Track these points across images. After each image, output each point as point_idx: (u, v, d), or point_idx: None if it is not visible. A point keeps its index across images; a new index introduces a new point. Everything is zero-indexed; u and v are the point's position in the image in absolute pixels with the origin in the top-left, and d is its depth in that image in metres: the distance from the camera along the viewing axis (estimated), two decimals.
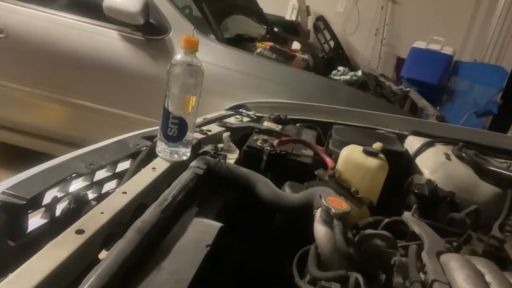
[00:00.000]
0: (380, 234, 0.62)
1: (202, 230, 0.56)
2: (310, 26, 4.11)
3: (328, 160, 0.90)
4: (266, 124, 1.07)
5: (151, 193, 0.60)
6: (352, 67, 2.83)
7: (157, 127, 0.72)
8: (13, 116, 2.19)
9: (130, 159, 0.73)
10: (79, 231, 0.46)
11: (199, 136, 0.85)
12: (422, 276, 0.52)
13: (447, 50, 3.86)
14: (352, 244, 0.56)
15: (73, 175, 0.59)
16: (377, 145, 0.88)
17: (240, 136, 0.99)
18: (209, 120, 0.99)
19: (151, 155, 0.72)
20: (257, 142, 0.90)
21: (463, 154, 0.94)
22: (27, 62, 2.03)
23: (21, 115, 2.18)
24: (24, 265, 0.40)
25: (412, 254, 0.57)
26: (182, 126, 0.69)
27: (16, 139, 2.26)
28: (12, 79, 2.08)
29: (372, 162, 0.84)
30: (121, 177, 0.70)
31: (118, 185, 0.69)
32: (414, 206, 0.71)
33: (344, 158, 0.87)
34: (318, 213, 0.60)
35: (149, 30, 1.93)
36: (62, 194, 0.58)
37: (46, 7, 1.98)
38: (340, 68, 2.52)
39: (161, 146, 0.71)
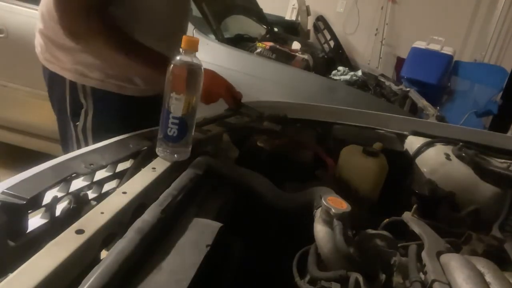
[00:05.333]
0: (380, 234, 0.62)
1: (202, 230, 0.56)
2: (310, 26, 4.11)
3: (328, 160, 0.90)
4: (266, 124, 1.07)
5: (151, 193, 0.60)
6: (352, 67, 2.83)
7: (157, 127, 0.72)
8: (13, 116, 2.19)
9: (130, 159, 0.73)
10: (79, 231, 0.46)
11: (199, 136, 0.85)
12: (422, 276, 0.52)
13: (447, 50, 3.86)
14: (352, 244, 0.56)
15: (73, 175, 0.59)
16: (377, 145, 0.88)
17: (240, 136, 0.99)
18: (209, 120, 0.99)
19: (151, 155, 0.72)
20: (257, 142, 0.90)
21: (463, 154, 0.94)
22: (27, 62, 2.03)
23: (21, 115, 2.17)
24: (24, 265, 0.40)
25: (412, 254, 0.57)
26: (182, 126, 0.69)
27: (16, 139, 2.26)
28: (12, 79, 2.08)
29: (372, 162, 0.84)
30: (121, 177, 0.70)
31: (118, 185, 0.69)
32: (414, 206, 0.71)
33: (344, 158, 0.87)
34: (318, 213, 0.60)
35: None
36: (62, 194, 0.58)
37: None
38: (340, 68, 2.52)
39: (161, 146, 0.71)
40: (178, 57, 0.68)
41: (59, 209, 0.56)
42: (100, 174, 0.66)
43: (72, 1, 0.82)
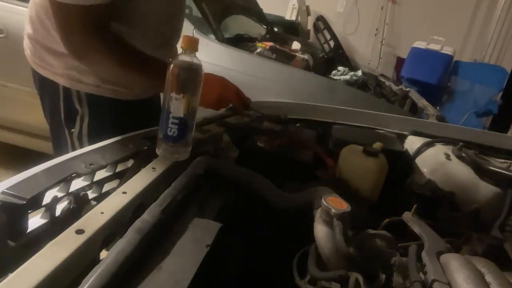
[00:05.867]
0: (380, 234, 0.62)
1: (202, 230, 0.56)
2: (310, 26, 4.11)
3: (328, 160, 0.90)
4: (266, 124, 1.07)
5: (151, 193, 0.60)
6: (352, 67, 2.83)
7: (157, 127, 0.72)
8: (13, 116, 2.19)
9: (130, 159, 0.73)
10: (79, 231, 0.46)
11: (199, 136, 0.85)
12: (422, 276, 0.52)
13: (447, 50, 3.86)
14: (352, 244, 0.56)
15: (73, 175, 0.59)
16: (377, 145, 0.88)
17: (240, 136, 0.99)
18: (209, 120, 0.99)
19: (151, 155, 0.72)
20: (257, 142, 0.90)
21: (463, 154, 0.94)
22: (27, 62, 2.03)
23: (21, 115, 2.17)
24: (24, 265, 0.40)
25: (412, 254, 0.57)
26: (182, 126, 0.69)
27: (16, 139, 2.26)
28: (12, 79, 2.08)
29: (372, 162, 0.84)
30: (121, 177, 0.70)
31: (118, 185, 0.69)
32: (414, 206, 0.71)
33: (344, 158, 0.87)
34: (318, 213, 0.60)
35: None
36: (62, 194, 0.58)
37: None
38: (340, 68, 2.53)
39: (161, 146, 0.71)
40: (178, 57, 0.68)
41: (59, 209, 0.56)
42: (100, 174, 0.66)
43: (74, 22, 0.79)
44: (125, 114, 1.03)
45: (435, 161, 0.95)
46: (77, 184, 0.62)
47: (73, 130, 1.02)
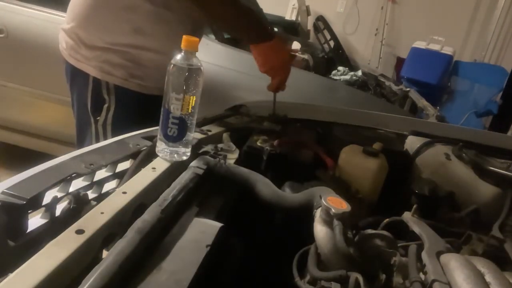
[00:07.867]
0: (380, 234, 0.62)
1: (202, 230, 0.56)
2: (310, 26, 4.11)
3: (328, 160, 0.90)
4: (266, 124, 1.07)
5: (151, 193, 0.60)
6: (352, 67, 2.83)
7: (157, 127, 0.72)
8: (13, 116, 2.19)
9: (130, 159, 0.73)
10: (79, 231, 0.46)
11: (199, 136, 0.85)
12: (422, 276, 0.52)
13: (447, 50, 3.85)
14: (352, 244, 0.56)
15: (73, 175, 0.59)
16: (377, 145, 0.88)
17: (240, 136, 0.99)
18: (209, 120, 0.99)
19: (151, 155, 0.72)
20: (257, 142, 0.90)
21: (463, 154, 0.94)
22: (27, 62, 2.03)
23: (21, 115, 2.17)
24: (24, 265, 0.40)
25: (412, 254, 0.57)
26: (182, 126, 0.69)
27: (16, 139, 2.26)
28: (12, 79, 2.08)
29: (372, 162, 0.84)
30: (121, 177, 0.70)
31: (118, 185, 0.69)
32: (414, 206, 0.71)
33: (344, 158, 0.87)
34: (318, 213, 0.60)
35: None
36: (62, 194, 0.58)
37: (45, 7, 1.99)
38: (340, 68, 2.53)
39: (161, 146, 0.71)
40: (178, 57, 0.68)
41: (59, 209, 0.56)
42: (100, 174, 0.66)
43: None
44: (148, 108, 1.08)
45: (435, 161, 0.95)
46: (77, 184, 0.62)
47: (98, 118, 1.09)
